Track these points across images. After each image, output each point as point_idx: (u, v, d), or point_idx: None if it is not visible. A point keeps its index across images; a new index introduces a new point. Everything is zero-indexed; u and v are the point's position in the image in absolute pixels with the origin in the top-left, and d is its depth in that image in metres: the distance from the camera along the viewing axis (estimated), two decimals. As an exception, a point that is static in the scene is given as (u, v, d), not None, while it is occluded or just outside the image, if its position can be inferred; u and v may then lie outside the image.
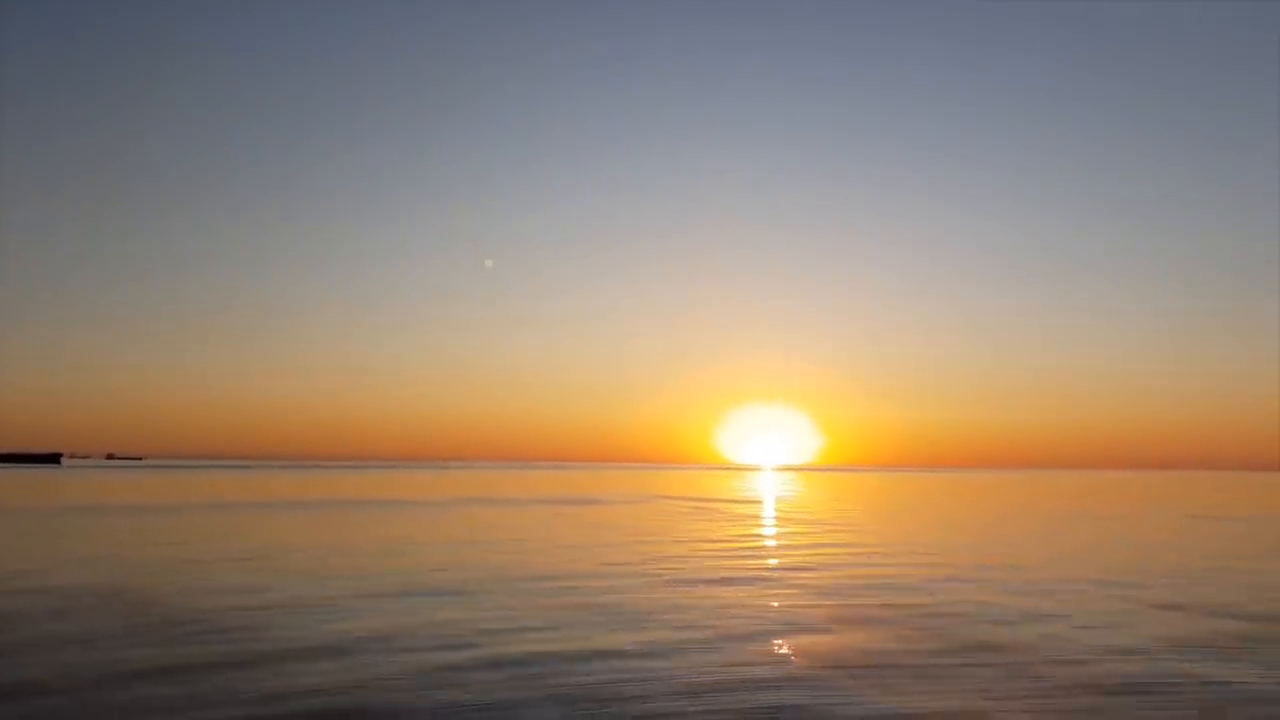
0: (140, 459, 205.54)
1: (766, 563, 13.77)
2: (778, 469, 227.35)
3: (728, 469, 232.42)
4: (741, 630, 8.07)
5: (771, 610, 9.23)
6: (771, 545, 16.99)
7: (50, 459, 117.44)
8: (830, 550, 15.76)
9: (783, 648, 7.37)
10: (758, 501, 36.90)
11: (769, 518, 26.02)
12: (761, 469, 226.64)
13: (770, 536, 19.10)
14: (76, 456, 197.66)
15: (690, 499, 38.21)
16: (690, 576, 11.83)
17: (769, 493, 48.31)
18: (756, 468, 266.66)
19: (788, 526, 22.12)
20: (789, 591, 10.60)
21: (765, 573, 12.44)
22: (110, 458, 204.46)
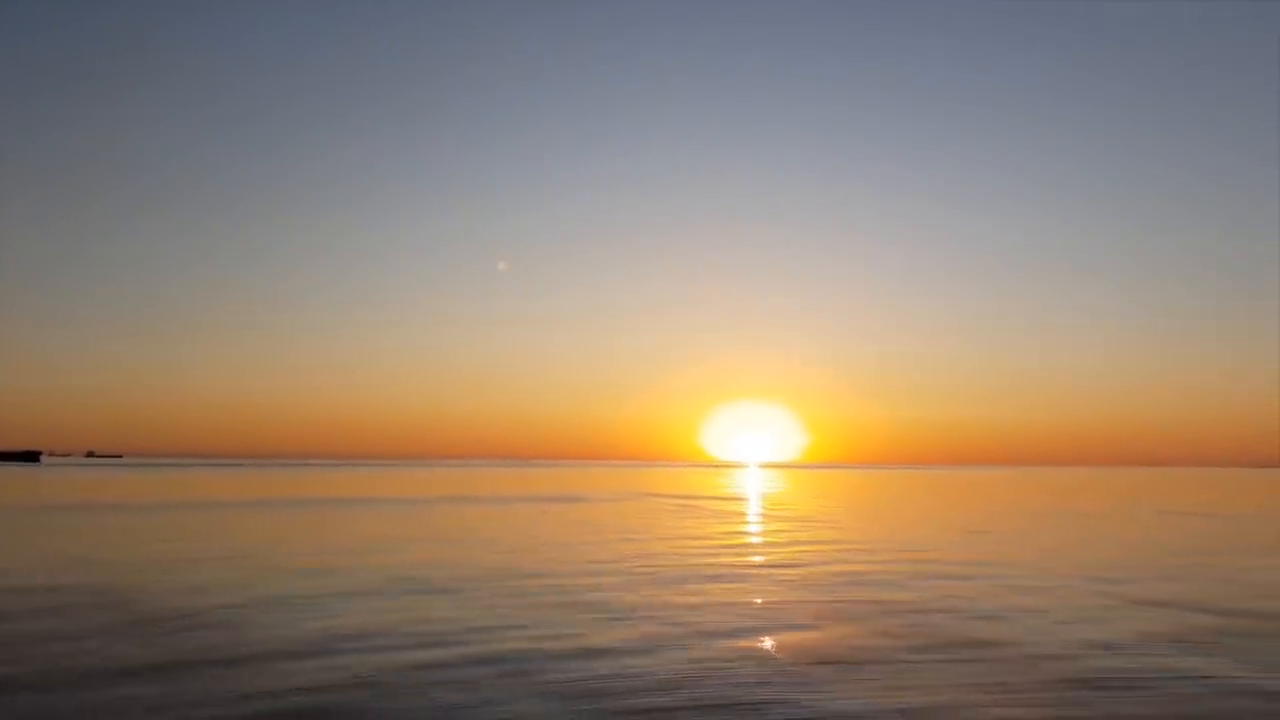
0: (120, 456, 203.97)
1: (750, 559, 13.82)
2: (762, 466, 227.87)
3: (713, 466, 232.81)
4: (725, 626, 8.11)
5: (754, 606, 9.27)
6: (755, 542, 17.05)
7: (29, 457, 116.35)
8: (813, 547, 15.84)
9: (765, 643, 7.41)
10: (742, 499, 37.00)
11: (753, 515, 26.11)
12: (746, 466, 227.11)
13: (754, 534, 19.17)
14: (56, 454, 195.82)
15: (675, 496, 38.26)
16: (673, 574, 11.86)
17: (753, 490, 48.44)
18: (741, 465, 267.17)
19: (772, 524, 22.21)
20: (772, 588, 10.65)
21: (748, 570, 12.49)
22: (90, 455, 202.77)
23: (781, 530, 19.96)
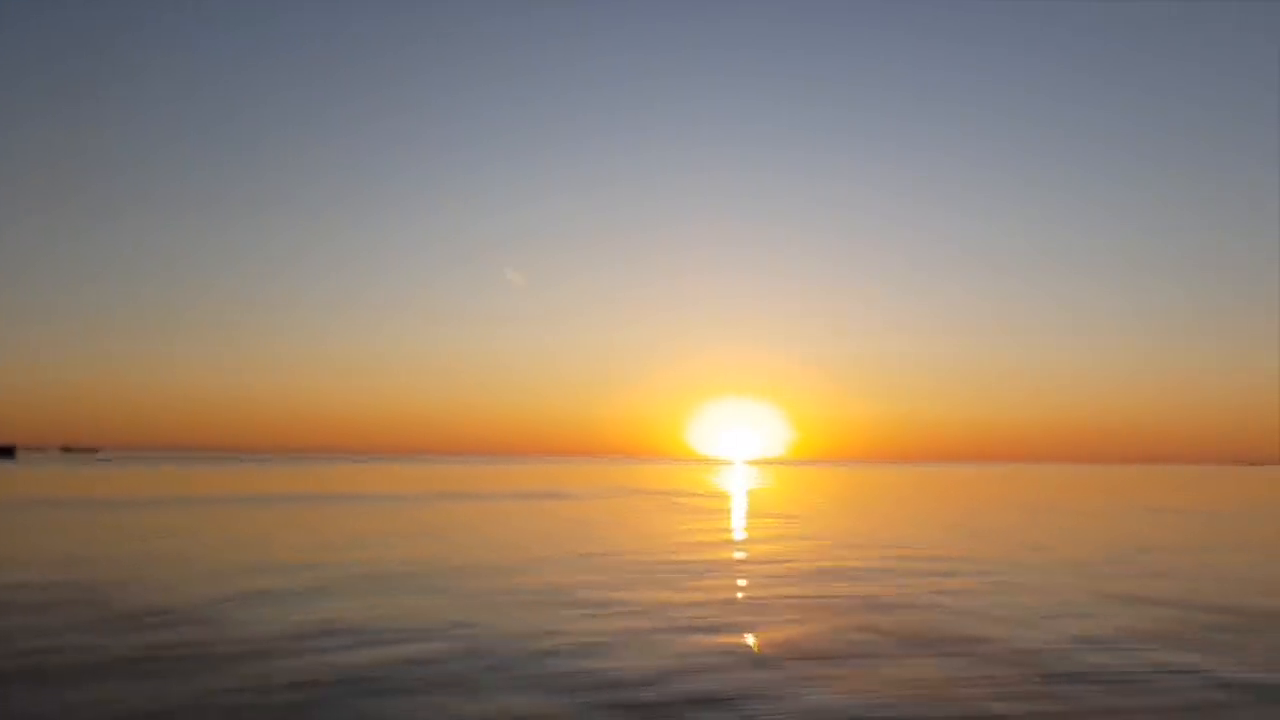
0: (96, 451, 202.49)
1: (733, 555, 13.84)
2: (749, 463, 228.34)
3: (699, 463, 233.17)
4: (708, 621, 8.12)
5: (737, 601, 9.28)
6: (738, 539, 17.07)
7: (4, 452, 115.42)
8: (797, 543, 15.88)
9: (748, 638, 7.41)
10: (727, 496, 37.06)
11: (737, 512, 26.14)
12: (732, 463, 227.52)
13: (737, 530, 19.19)
14: (31, 449, 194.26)
15: (660, 493, 38.30)
16: (656, 569, 11.87)
17: (739, 487, 48.54)
18: (727, 462, 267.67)
19: (756, 520, 22.25)
20: (756, 583, 10.67)
21: (731, 565, 12.51)
22: (66, 450, 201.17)
23: (766, 526, 20.00)
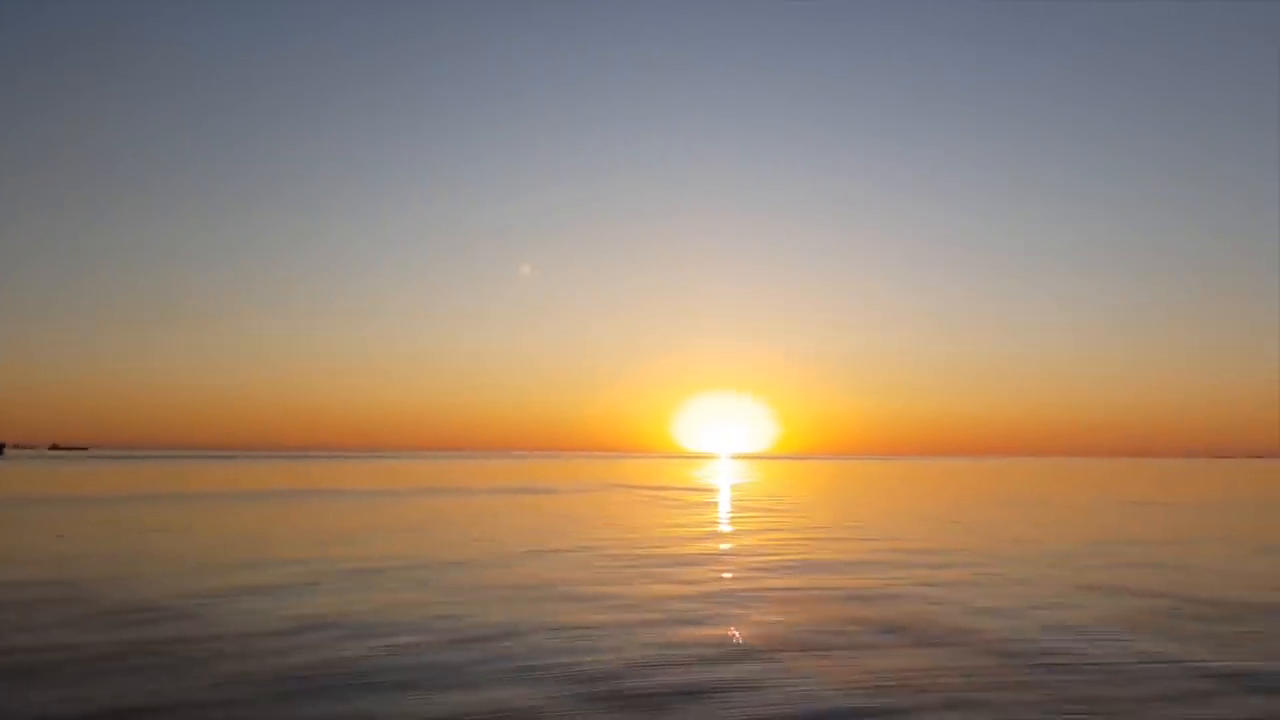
0: (85, 449, 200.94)
1: (717, 547, 13.92)
2: (734, 457, 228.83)
3: (684, 457, 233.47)
4: (693, 613, 8.18)
5: (721, 593, 9.35)
6: (723, 531, 17.16)
7: None
8: (780, 535, 15.97)
9: (733, 629, 7.48)
10: (712, 490, 37.17)
11: (722, 505, 26.24)
12: (718, 457, 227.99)
13: (722, 523, 19.28)
14: (19, 446, 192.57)
15: (645, 487, 38.36)
16: (639, 562, 11.93)
17: (723, 481, 48.66)
18: (713, 456, 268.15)
19: (740, 513, 22.34)
20: (738, 575, 10.74)
21: (715, 558, 12.58)
22: (54, 448, 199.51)
23: (751, 520, 20.09)
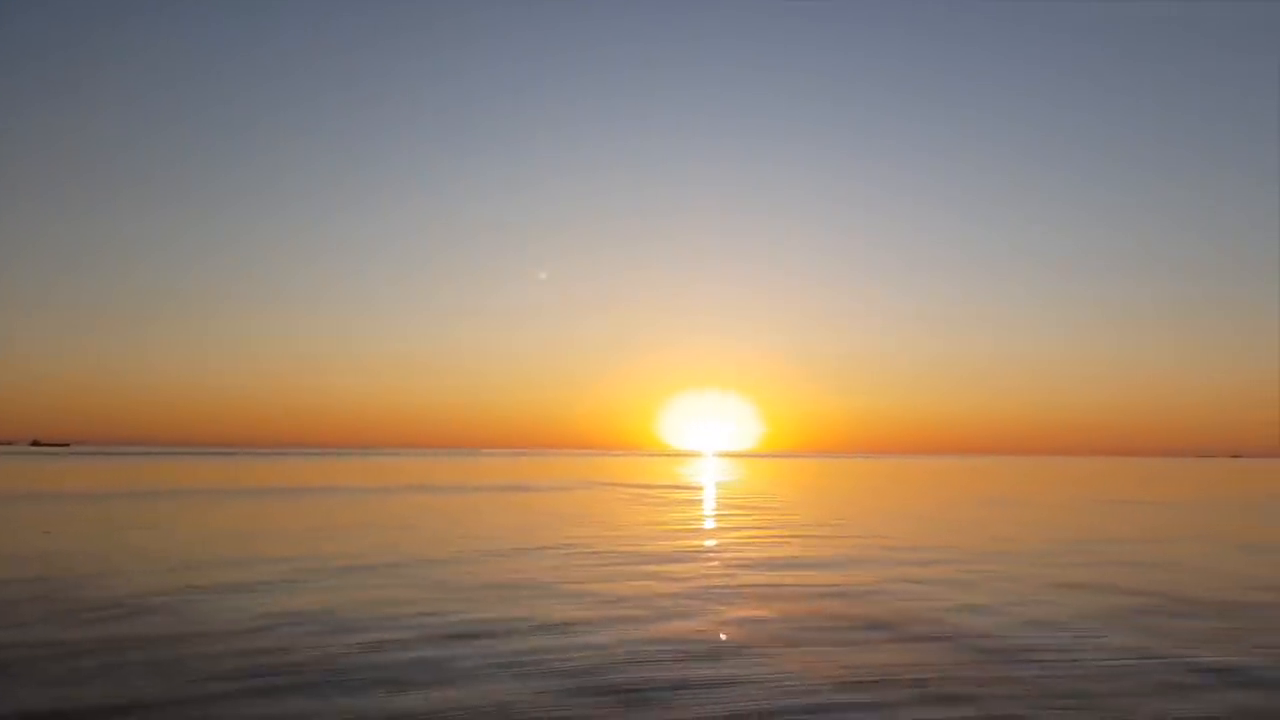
0: (67, 445, 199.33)
1: (700, 544, 13.95)
2: (719, 455, 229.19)
3: (669, 455, 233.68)
4: (673, 609, 8.21)
5: (701, 589, 9.38)
6: (704, 528, 17.20)
7: None
8: (764, 533, 16.02)
9: (713, 624, 7.52)
10: (696, 488, 37.21)
11: (705, 502, 26.29)
12: (703, 455, 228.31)
13: (704, 520, 19.32)
14: (0, 443, 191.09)
15: (629, 485, 38.37)
16: (622, 559, 11.95)
17: (708, 479, 48.73)
18: (698, 454, 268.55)
19: (723, 511, 22.39)
20: (722, 572, 10.77)
21: (696, 553, 12.61)
22: (36, 444, 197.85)
23: (730, 517, 20.14)
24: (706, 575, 10.53)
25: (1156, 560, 12.50)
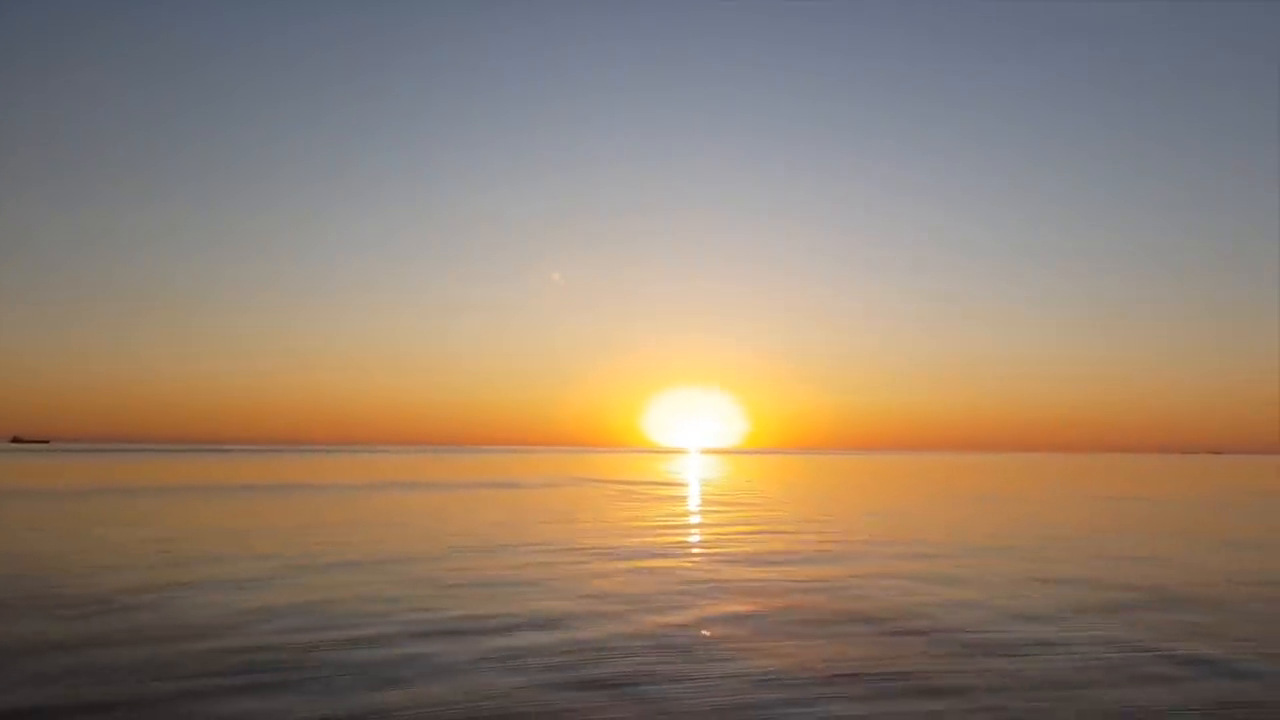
0: (47, 442, 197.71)
1: (684, 539, 13.97)
2: (704, 452, 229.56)
3: (654, 452, 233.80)
4: (656, 604, 8.23)
5: (684, 584, 9.40)
6: (689, 524, 17.22)
7: None
8: (745, 528, 16.06)
9: (695, 619, 7.53)
10: (680, 484, 37.25)
11: (690, 499, 26.32)
12: (688, 452, 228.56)
13: (689, 516, 19.34)
14: None
15: (612, 481, 38.39)
16: (606, 553, 11.95)
17: (693, 475, 48.80)
18: (683, 451, 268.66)
19: (708, 507, 22.42)
20: (702, 566, 10.79)
21: (678, 550, 12.63)
22: (16, 440, 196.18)
23: (718, 513, 20.17)
24: (691, 570, 10.54)
25: (1142, 555, 12.60)
